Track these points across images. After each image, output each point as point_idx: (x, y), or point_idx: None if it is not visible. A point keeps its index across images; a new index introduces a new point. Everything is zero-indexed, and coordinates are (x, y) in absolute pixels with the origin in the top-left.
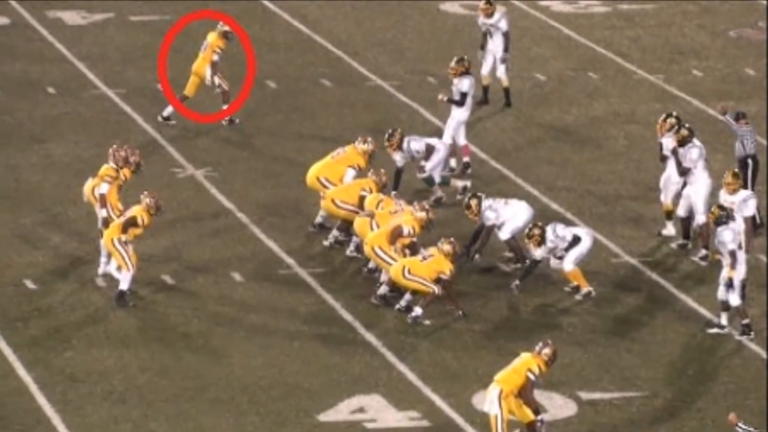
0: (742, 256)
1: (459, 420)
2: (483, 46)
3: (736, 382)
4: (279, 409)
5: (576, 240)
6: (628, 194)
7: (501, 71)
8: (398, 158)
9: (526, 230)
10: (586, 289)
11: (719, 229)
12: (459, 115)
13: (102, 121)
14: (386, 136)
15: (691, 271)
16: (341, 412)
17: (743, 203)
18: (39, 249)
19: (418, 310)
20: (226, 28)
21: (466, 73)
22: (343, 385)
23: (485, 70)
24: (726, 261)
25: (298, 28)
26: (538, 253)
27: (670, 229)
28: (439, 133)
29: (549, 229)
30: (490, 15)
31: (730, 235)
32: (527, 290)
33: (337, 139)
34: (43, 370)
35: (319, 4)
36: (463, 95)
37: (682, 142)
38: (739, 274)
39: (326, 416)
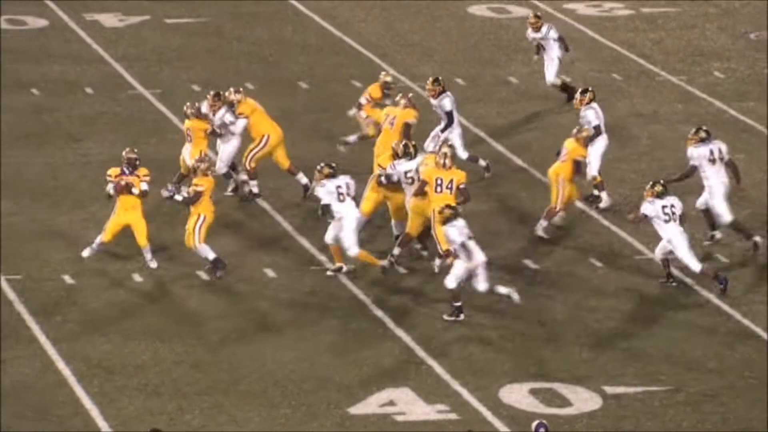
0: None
1: (486, 413)
2: (538, 52)
3: (757, 376)
4: (310, 402)
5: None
6: None
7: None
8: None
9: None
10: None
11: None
12: (446, 133)
13: (138, 120)
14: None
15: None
16: (371, 405)
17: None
18: (76, 245)
19: (396, 250)
20: None
21: (443, 92)
22: (373, 378)
23: (551, 75)
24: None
25: (329, 30)
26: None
27: (606, 200)
28: (466, 133)
29: None
30: (538, 29)
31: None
32: (553, 287)
33: (368, 139)
34: (81, 364)
35: (349, 7)
36: (449, 113)
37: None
38: (683, 243)
39: (356, 409)
